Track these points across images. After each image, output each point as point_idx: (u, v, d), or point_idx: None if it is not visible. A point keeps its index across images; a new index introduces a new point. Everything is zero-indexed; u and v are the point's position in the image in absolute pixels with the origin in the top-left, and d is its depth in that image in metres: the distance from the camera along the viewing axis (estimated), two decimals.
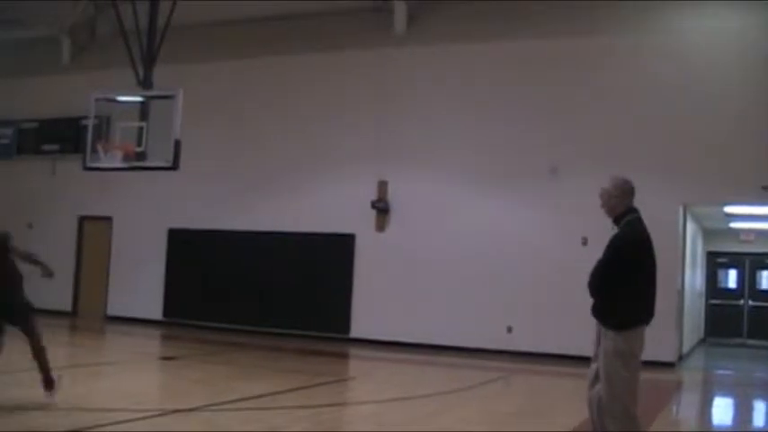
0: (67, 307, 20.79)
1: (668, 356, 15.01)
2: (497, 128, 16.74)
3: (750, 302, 23.58)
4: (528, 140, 16.47)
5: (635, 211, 5.85)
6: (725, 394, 14.49)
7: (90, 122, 14.23)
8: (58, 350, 10.86)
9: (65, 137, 20.49)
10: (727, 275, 24.34)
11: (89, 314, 20.54)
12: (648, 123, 15.53)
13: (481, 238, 16.58)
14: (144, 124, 13.64)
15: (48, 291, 21.04)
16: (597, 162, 15.16)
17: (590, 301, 5.89)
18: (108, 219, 20.71)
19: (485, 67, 17.08)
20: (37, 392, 8.32)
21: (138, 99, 13.90)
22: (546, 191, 16.20)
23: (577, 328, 5.42)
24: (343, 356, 16.09)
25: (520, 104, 16.65)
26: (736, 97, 14.97)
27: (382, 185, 17.59)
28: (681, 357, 16.77)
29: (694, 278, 20.37)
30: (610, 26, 16.07)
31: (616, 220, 5.84)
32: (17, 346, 8.60)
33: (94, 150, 14.02)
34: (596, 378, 5.77)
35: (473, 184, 16.88)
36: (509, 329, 16.09)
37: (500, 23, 17.08)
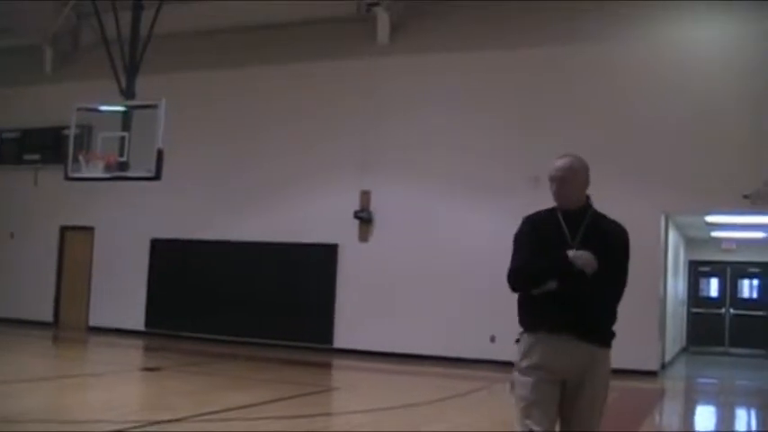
0: (49, 317, 20.67)
1: (651, 365, 15.05)
2: (480, 137, 16.77)
3: (732, 311, 23.71)
4: (511, 150, 16.51)
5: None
6: (707, 402, 14.57)
7: (72, 132, 14.21)
8: (40, 362, 10.79)
9: (46, 146, 20.36)
10: (708, 284, 24.47)
11: (71, 325, 20.41)
12: (630, 133, 15.59)
13: (464, 247, 16.59)
14: (126, 134, 13.64)
15: (29, 301, 21.10)
16: None
17: None
18: (90, 229, 20.60)
19: (468, 76, 17.12)
20: (24, 404, 8.26)
21: (121, 109, 13.89)
22: (529, 200, 16.07)
23: None
24: (327, 367, 16.06)
25: (503, 113, 16.69)
26: (717, 106, 15.04)
27: (365, 195, 17.59)
28: (663, 366, 16.83)
29: (676, 287, 20.47)
30: (591, 35, 16.12)
31: (578, 212, 4.53)
32: (6, 358, 8.55)
33: (76, 160, 14.00)
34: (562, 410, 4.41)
35: (456, 193, 16.90)
36: (492, 339, 16.09)
37: (483, 33, 17.14)
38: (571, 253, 4.32)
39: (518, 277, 4.56)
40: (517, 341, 4.54)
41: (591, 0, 15.93)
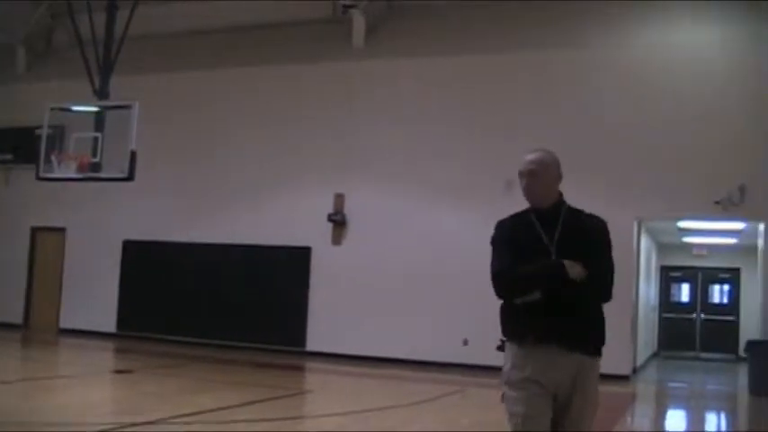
0: (19, 319, 20.47)
1: (623, 369, 15.13)
2: (455, 141, 16.80)
3: (702, 316, 23.94)
4: (485, 154, 16.54)
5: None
6: (678, 406, 14.68)
7: (44, 132, 14.06)
8: (10, 364, 10.69)
9: (18, 146, 20.08)
10: (680, 289, 24.70)
11: (41, 327, 20.23)
12: (603, 138, 15.67)
13: (437, 251, 16.61)
14: (99, 135, 13.52)
15: None
16: None
17: None
18: (61, 230, 20.44)
19: (442, 80, 17.15)
20: None
21: (94, 109, 13.78)
22: (501, 204, 16.14)
23: None
24: (300, 369, 16.04)
25: (477, 117, 16.72)
26: (689, 114, 15.16)
27: (339, 198, 17.58)
28: (635, 370, 16.93)
29: (648, 292, 20.61)
30: (564, 41, 16.20)
31: (552, 210, 4.35)
32: None
33: (48, 160, 13.85)
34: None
35: (429, 197, 16.92)
36: (465, 342, 16.12)
37: (457, 38, 17.19)
38: (567, 262, 4.11)
39: (502, 282, 4.25)
40: (499, 348, 4.37)
41: (570, 2, 16.05)
